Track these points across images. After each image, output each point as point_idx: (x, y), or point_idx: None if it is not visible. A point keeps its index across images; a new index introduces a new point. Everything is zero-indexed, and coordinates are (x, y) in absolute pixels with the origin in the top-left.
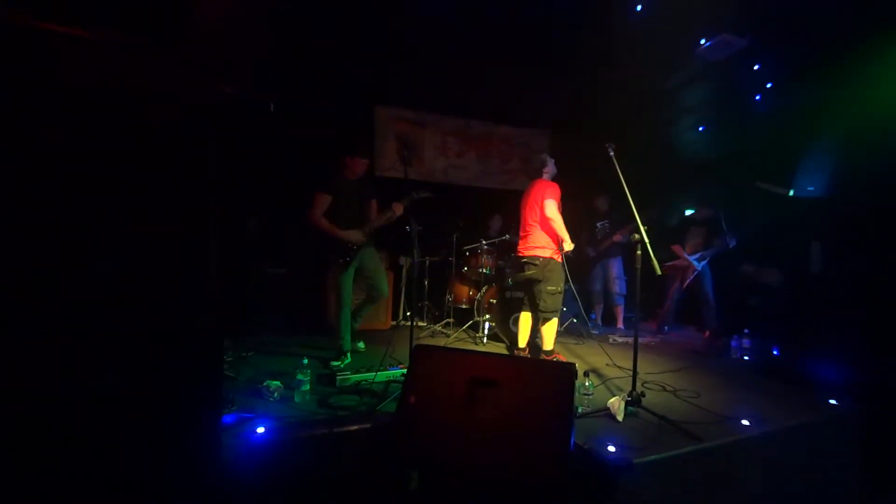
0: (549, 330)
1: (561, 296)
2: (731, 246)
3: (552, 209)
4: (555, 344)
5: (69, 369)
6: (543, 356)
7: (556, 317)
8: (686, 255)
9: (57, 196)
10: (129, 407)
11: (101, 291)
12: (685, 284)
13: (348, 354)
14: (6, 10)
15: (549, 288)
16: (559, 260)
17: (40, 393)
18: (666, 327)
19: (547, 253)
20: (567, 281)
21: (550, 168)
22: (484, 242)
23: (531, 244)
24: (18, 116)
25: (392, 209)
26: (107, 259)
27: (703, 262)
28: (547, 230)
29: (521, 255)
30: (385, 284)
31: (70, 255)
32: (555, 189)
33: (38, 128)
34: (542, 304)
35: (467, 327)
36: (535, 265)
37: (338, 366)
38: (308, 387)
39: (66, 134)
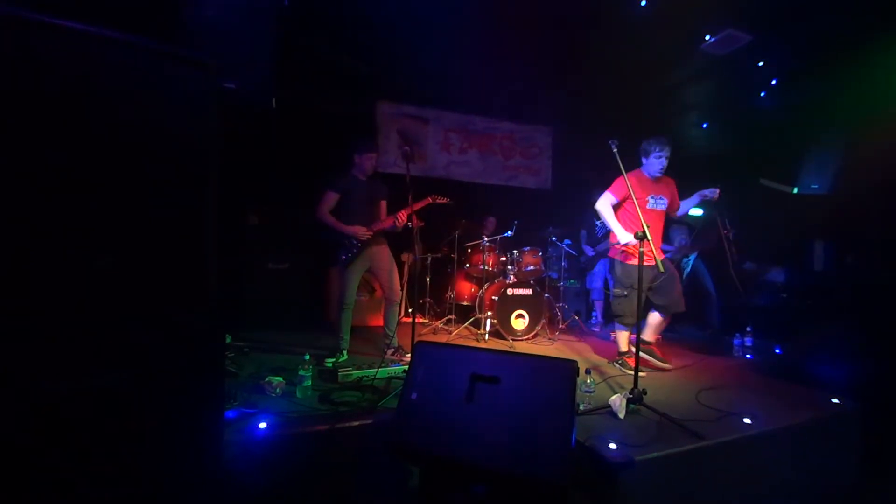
0: (621, 336)
1: (624, 301)
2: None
3: (600, 200)
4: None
5: (70, 367)
6: (618, 355)
7: (623, 322)
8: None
9: (56, 194)
10: (132, 403)
11: (102, 288)
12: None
13: (344, 352)
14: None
15: (615, 290)
16: (620, 259)
17: (41, 391)
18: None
19: (612, 252)
20: (633, 285)
21: (643, 160)
22: (486, 239)
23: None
24: (16, 113)
25: (397, 216)
26: (107, 256)
27: (690, 259)
28: (610, 226)
29: None
30: (396, 283)
31: (70, 252)
32: (617, 180)
33: (37, 125)
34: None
35: (469, 324)
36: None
37: (332, 363)
38: (310, 382)
39: (66, 131)
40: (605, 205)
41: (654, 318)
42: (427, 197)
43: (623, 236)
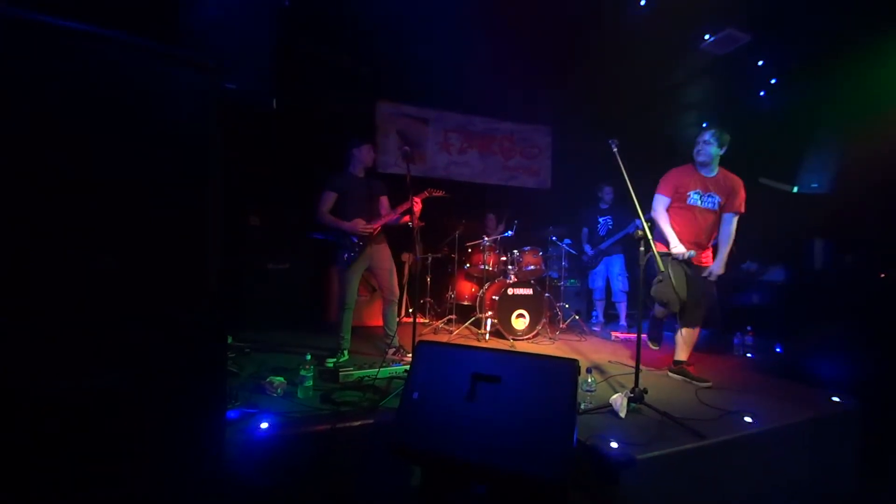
0: (682, 340)
1: (660, 285)
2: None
3: (655, 207)
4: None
5: (71, 367)
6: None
7: (671, 309)
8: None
9: (56, 194)
10: (134, 403)
11: (102, 288)
12: None
13: (345, 352)
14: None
15: (655, 279)
16: (658, 249)
17: (42, 391)
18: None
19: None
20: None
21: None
22: (486, 239)
23: None
24: (17, 114)
25: (412, 200)
26: (107, 256)
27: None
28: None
29: None
30: (395, 284)
31: (70, 252)
32: (663, 177)
33: (37, 125)
34: None
35: (470, 324)
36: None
37: (333, 363)
38: (311, 382)
39: (66, 131)
40: (660, 212)
41: (680, 331)
42: (423, 191)
43: (676, 246)
